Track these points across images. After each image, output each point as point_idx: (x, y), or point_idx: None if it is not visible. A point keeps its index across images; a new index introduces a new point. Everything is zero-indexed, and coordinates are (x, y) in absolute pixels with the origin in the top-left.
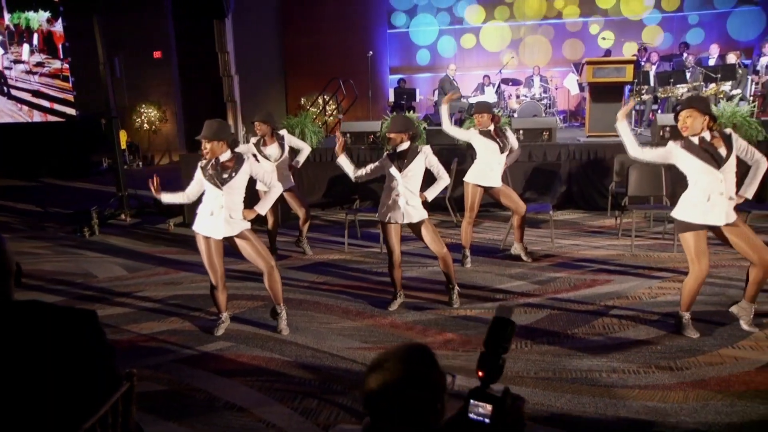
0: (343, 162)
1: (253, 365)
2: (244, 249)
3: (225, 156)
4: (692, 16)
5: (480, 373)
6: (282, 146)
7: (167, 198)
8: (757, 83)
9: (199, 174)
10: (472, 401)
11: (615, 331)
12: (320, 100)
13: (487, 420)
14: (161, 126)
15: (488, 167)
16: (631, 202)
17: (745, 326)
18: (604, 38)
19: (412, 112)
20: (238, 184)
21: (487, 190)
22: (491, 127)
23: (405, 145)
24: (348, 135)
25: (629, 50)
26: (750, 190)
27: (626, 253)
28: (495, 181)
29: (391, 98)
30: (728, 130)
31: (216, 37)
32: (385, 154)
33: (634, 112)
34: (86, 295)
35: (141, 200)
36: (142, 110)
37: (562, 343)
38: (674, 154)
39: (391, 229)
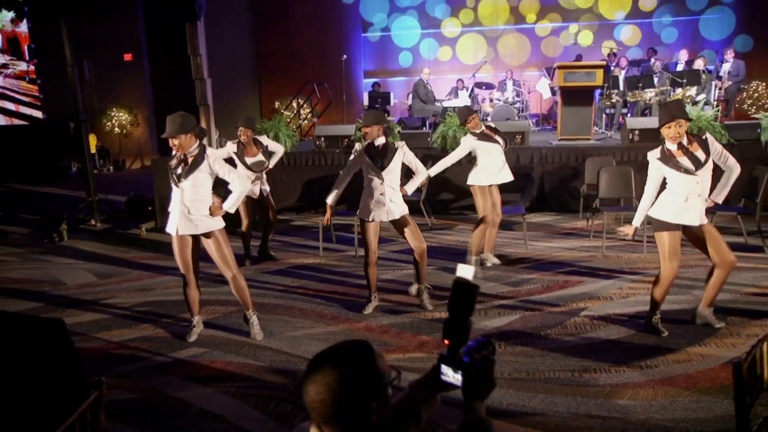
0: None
1: (227, 371)
2: (210, 250)
3: (193, 149)
4: (666, 17)
5: (446, 341)
6: (266, 155)
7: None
8: (720, 88)
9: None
10: (442, 366)
11: (587, 331)
12: (294, 104)
13: (458, 383)
14: (132, 130)
15: (495, 167)
16: (602, 204)
17: (716, 325)
18: (575, 43)
19: (386, 115)
20: (200, 180)
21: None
22: (482, 128)
23: (381, 140)
24: (323, 139)
25: (603, 53)
26: (720, 196)
27: (598, 254)
28: (508, 176)
29: (366, 102)
30: (706, 135)
31: (188, 39)
32: (358, 147)
33: (604, 115)
34: (55, 303)
35: (112, 205)
36: (113, 114)
37: (536, 344)
38: (658, 168)
39: (370, 227)
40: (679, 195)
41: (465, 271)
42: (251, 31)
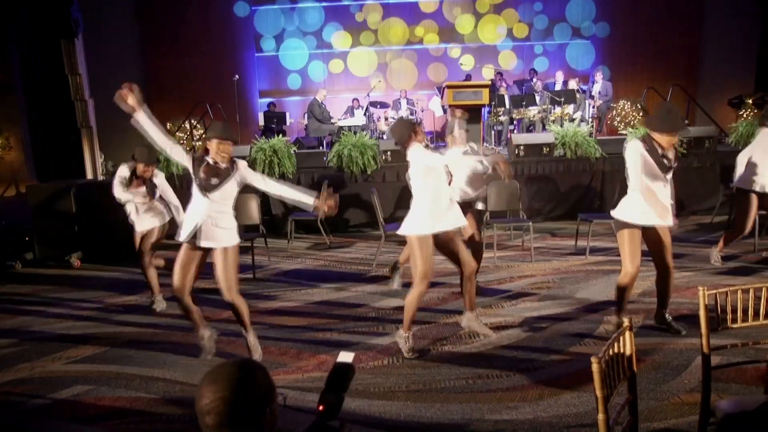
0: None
1: (117, 407)
2: (218, 266)
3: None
4: (537, 46)
5: (320, 408)
6: (151, 193)
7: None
8: (593, 106)
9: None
10: None
11: (480, 339)
12: (187, 125)
13: None
14: (4, 154)
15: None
16: (492, 217)
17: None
18: (462, 63)
19: (282, 135)
20: (229, 191)
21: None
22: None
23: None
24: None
25: (488, 74)
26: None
27: (490, 265)
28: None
29: (261, 122)
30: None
31: (65, 58)
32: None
33: (493, 132)
34: None
35: None
36: None
37: (432, 355)
38: (642, 155)
39: None
40: (646, 195)
41: (345, 357)
42: (139, 50)
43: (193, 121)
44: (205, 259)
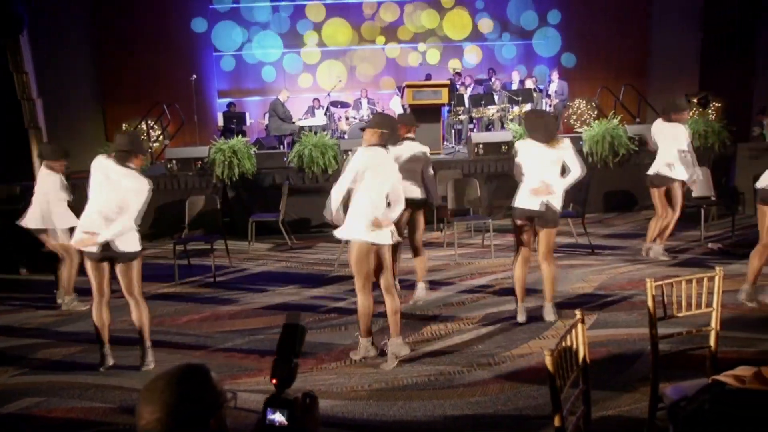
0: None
1: (70, 419)
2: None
3: None
4: (498, 45)
5: (273, 381)
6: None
7: None
8: (550, 105)
9: None
10: (269, 409)
11: (442, 336)
12: (144, 126)
13: (284, 424)
14: None
15: None
16: (452, 215)
17: (551, 318)
18: (421, 63)
19: (242, 136)
20: None
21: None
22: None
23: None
24: (174, 162)
25: (450, 73)
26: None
27: (451, 262)
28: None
29: (221, 122)
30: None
31: (9, 56)
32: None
33: (453, 131)
34: None
35: None
36: None
37: None
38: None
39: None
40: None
41: (292, 317)
42: (92, 48)
43: (150, 122)
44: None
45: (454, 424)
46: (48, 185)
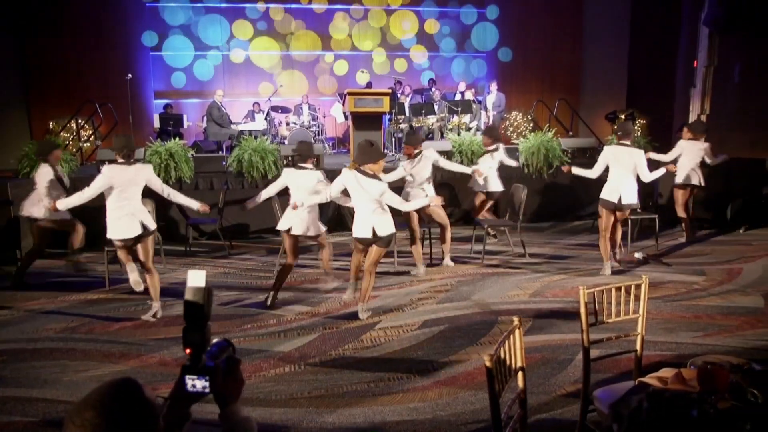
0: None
1: None
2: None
3: None
4: (438, 57)
5: (187, 351)
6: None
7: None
8: (488, 117)
9: None
10: (187, 377)
11: (381, 343)
12: (74, 125)
13: (206, 390)
14: None
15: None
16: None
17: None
18: (363, 71)
19: (179, 139)
20: None
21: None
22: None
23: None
24: (106, 163)
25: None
26: None
27: (390, 269)
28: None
29: (157, 124)
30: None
31: None
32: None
33: (394, 139)
34: None
35: None
36: None
37: (334, 360)
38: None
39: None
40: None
41: (196, 278)
42: (15, 41)
43: (80, 121)
44: None
45: (393, 430)
46: None
